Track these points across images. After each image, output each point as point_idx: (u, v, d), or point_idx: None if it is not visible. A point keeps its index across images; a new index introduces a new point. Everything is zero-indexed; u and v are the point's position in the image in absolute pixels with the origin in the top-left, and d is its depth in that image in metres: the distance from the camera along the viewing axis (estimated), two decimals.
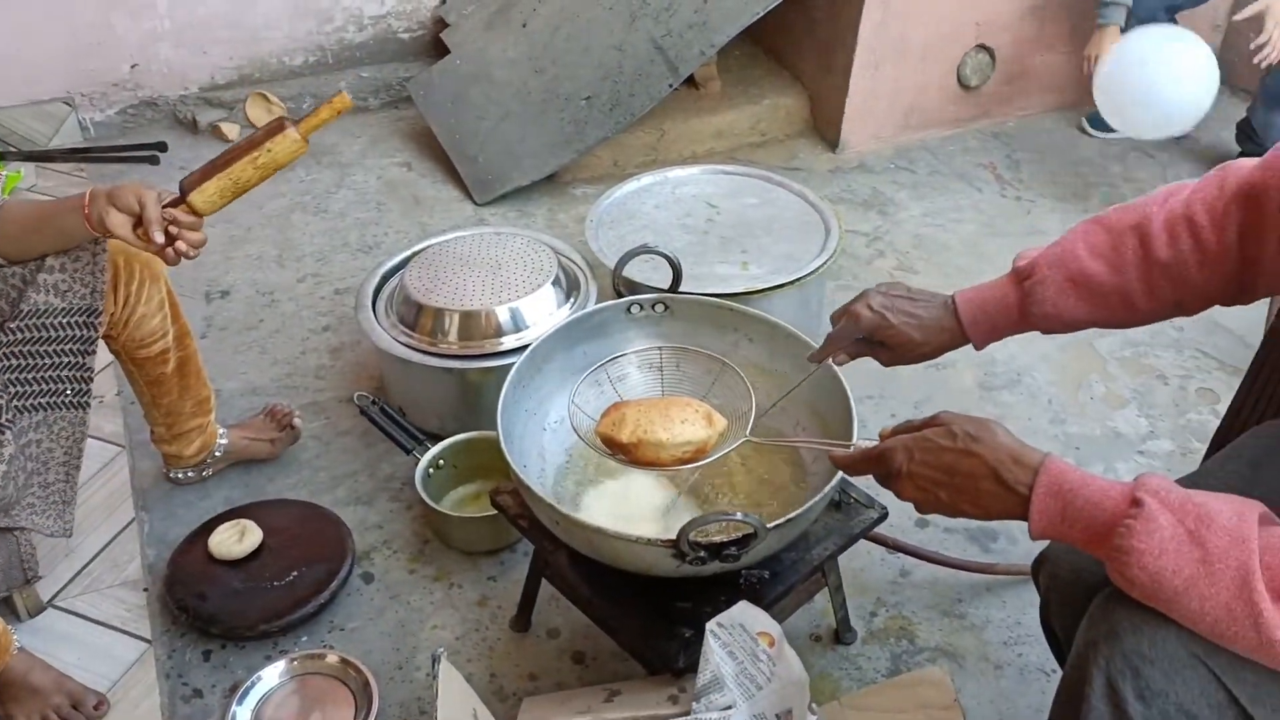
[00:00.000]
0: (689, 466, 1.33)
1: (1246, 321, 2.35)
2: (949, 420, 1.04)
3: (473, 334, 1.91)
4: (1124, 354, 2.33)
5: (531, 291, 1.94)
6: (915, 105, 3.08)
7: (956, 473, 1.01)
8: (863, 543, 1.79)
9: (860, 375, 2.19)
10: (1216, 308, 1.21)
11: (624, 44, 2.79)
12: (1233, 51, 3.36)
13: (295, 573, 1.73)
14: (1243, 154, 2.95)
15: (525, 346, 1.54)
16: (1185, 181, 1.21)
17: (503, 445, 1.36)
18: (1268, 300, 1.98)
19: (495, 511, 1.54)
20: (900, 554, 1.81)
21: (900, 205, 2.85)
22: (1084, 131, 3.17)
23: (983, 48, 3.07)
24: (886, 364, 1.37)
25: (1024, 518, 0.96)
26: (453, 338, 1.91)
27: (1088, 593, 1.02)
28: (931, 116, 3.13)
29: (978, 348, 1.33)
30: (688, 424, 1.31)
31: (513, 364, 1.48)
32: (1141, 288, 1.19)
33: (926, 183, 2.95)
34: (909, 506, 1.92)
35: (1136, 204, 1.21)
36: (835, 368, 1.44)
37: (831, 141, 3.08)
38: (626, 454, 1.31)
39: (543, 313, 1.94)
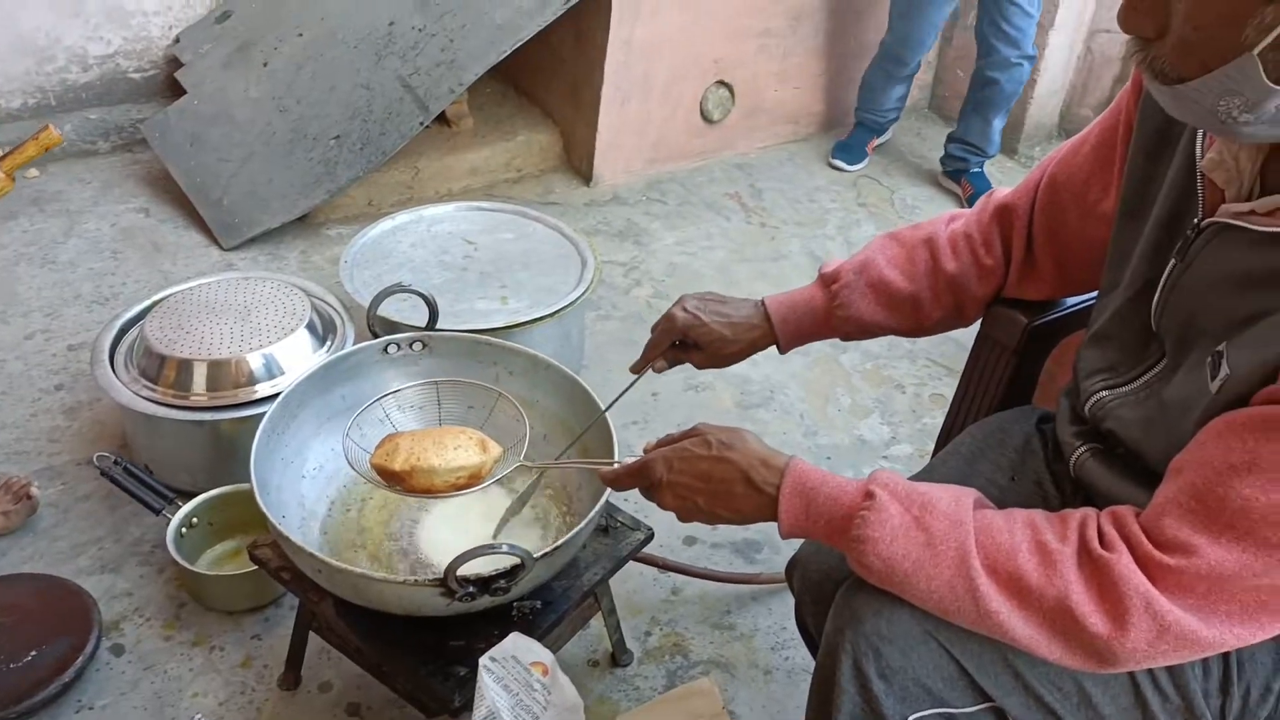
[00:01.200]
0: (465, 493, 1.32)
1: (970, 331, 2.56)
2: (704, 430, 1.10)
3: (223, 384, 1.83)
4: (865, 367, 2.50)
5: (284, 337, 1.88)
6: (663, 139, 3.20)
7: (711, 478, 1.06)
8: (634, 565, 1.83)
9: (620, 404, 2.25)
10: None
11: (371, 82, 2.76)
12: (942, 85, 3.68)
13: (33, 652, 1.59)
14: (953, 171, 3.25)
15: (280, 394, 1.49)
16: (963, 210, 1.36)
17: (257, 496, 1.31)
18: None
19: (255, 567, 1.48)
20: (670, 573, 1.87)
21: (654, 235, 2.94)
22: (833, 166, 3.37)
23: (722, 83, 3.23)
24: (699, 365, 1.41)
25: (775, 518, 1.02)
26: (201, 389, 1.82)
27: (836, 590, 1.09)
28: (679, 149, 3.26)
29: (783, 349, 1.39)
30: (461, 450, 1.31)
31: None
32: (930, 296, 1.31)
33: (677, 213, 3.07)
34: (678, 526, 1.99)
35: (924, 224, 1.35)
36: (597, 399, 1.48)
37: (585, 176, 3.15)
38: (401, 483, 1.29)
39: (298, 358, 1.89)
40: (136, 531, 1.88)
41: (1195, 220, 0.99)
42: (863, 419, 2.34)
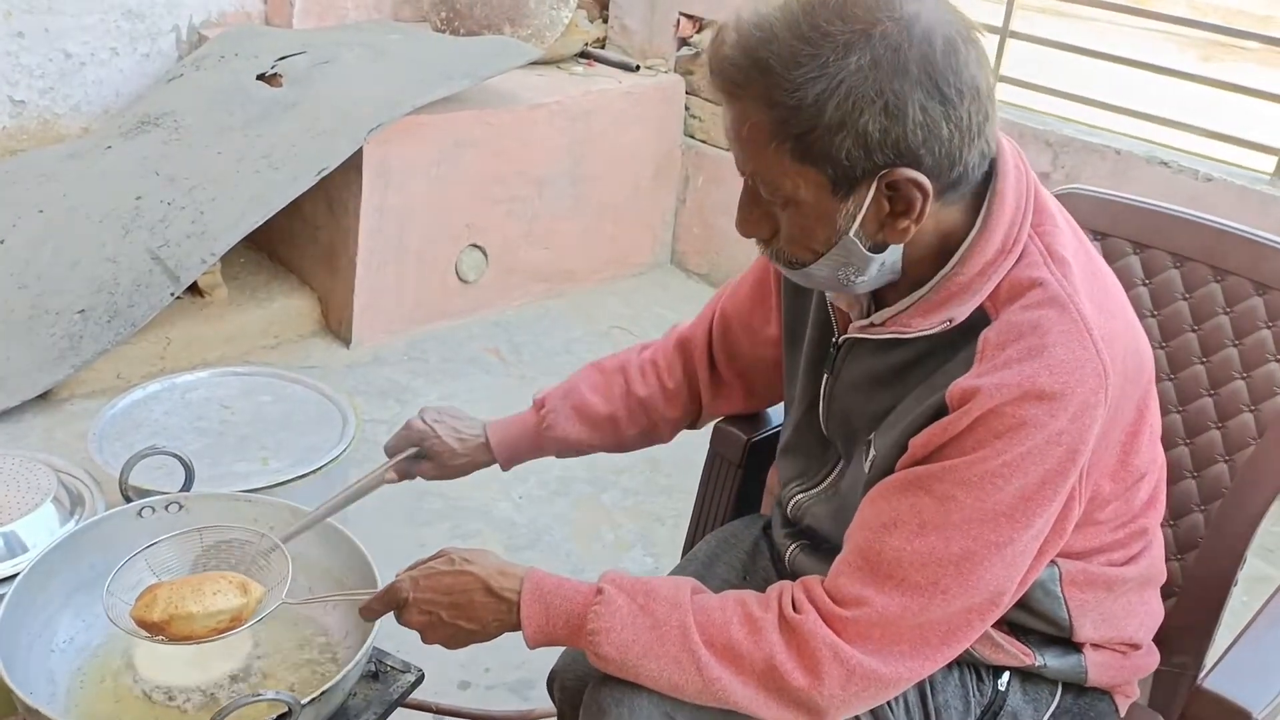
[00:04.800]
0: (228, 634, 1.32)
1: None
2: (449, 550, 1.20)
3: None
4: (626, 504, 2.63)
5: (28, 512, 1.81)
6: (421, 300, 3.31)
7: (453, 591, 1.15)
8: (411, 713, 1.84)
9: (390, 554, 2.27)
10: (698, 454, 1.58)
11: (118, 256, 2.75)
12: (680, 241, 4.00)
13: None
14: None
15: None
16: (654, 340, 1.55)
17: (3, 673, 1.27)
18: None
19: None
20: (445, 717, 1.88)
21: (416, 391, 3.02)
22: None
23: (476, 246, 3.39)
24: (429, 476, 1.53)
25: (518, 626, 1.11)
26: None
27: None
28: (437, 310, 3.37)
29: (504, 467, 1.53)
30: (220, 595, 1.32)
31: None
32: (626, 416, 1.47)
33: (439, 369, 3.16)
34: (450, 669, 2.01)
35: (621, 353, 1.53)
36: (362, 549, 1.52)
37: (345, 339, 3.20)
38: (162, 632, 1.29)
39: (43, 534, 1.81)
40: None
41: (834, 339, 1.21)
42: (626, 552, 2.45)
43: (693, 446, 2.81)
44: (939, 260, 1.08)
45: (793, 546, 1.30)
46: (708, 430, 1.60)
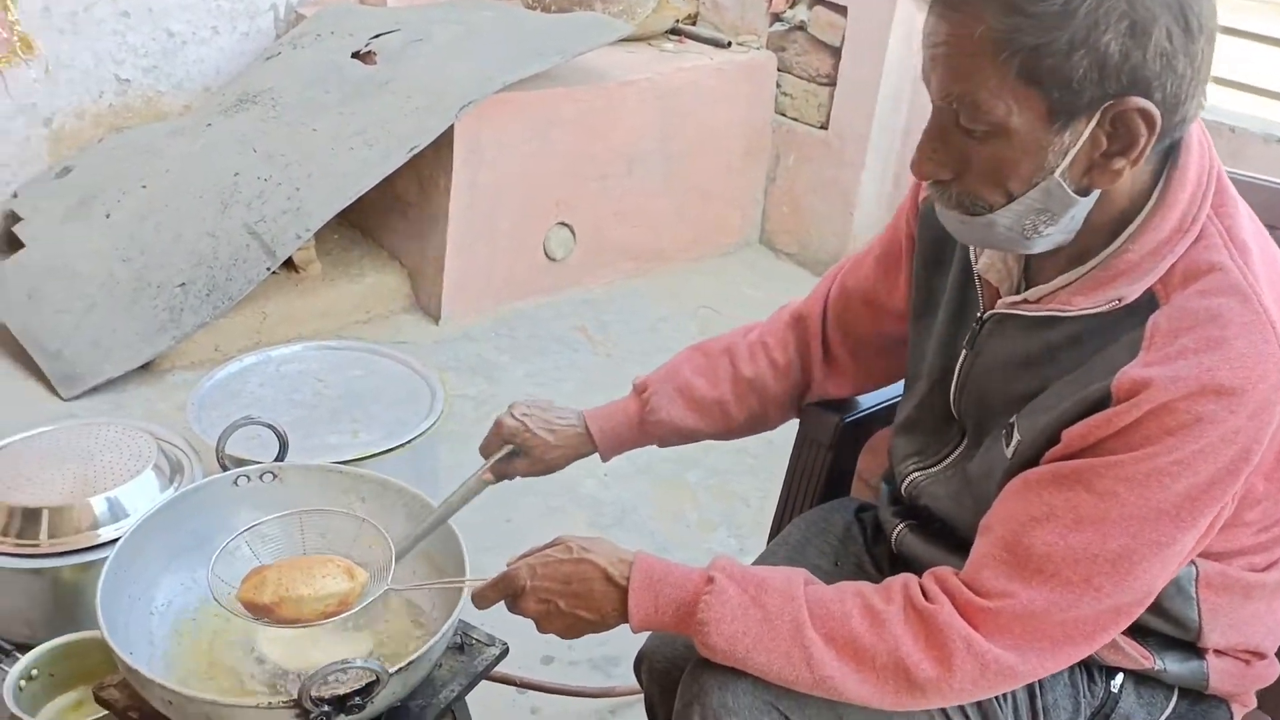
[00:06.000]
0: (334, 620, 1.34)
1: None
2: (566, 539, 1.17)
3: (64, 530, 1.80)
4: (711, 484, 2.61)
5: (129, 479, 1.87)
6: (509, 278, 3.33)
7: (572, 580, 1.12)
8: (495, 687, 1.86)
9: (472, 530, 2.29)
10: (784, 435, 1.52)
11: (217, 230, 2.81)
12: (770, 220, 3.95)
13: None
14: None
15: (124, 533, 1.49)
16: (760, 321, 1.50)
17: (104, 633, 1.30)
18: None
19: (101, 714, 1.45)
20: (529, 691, 1.89)
21: (503, 368, 3.03)
22: None
23: (564, 224, 3.39)
24: (526, 474, 1.48)
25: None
26: (41, 536, 1.79)
27: (682, 677, 1.16)
28: (525, 287, 3.38)
29: (604, 457, 1.48)
30: (329, 579, 1.33)
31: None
32: (733, 399, 1.42)
33: (527, 346, 3.17)
34: (534, 644, 2.02)
35: (725, 336, 1.48)
36: (451, 523, 1.52)
37: (434, 315, 3.23)
38: (269, 615, 1.30)
39: (144, 499, 1.87)
40: None
41: (978, 314, 1.15)
42: (710, 532, 2.44)
43: (780, 428, 2.79)
44: (1111, 232, 1.02)
45: (900, 526, 1.26)
46: None
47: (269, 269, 2.76)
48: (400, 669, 1.29)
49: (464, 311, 3.25)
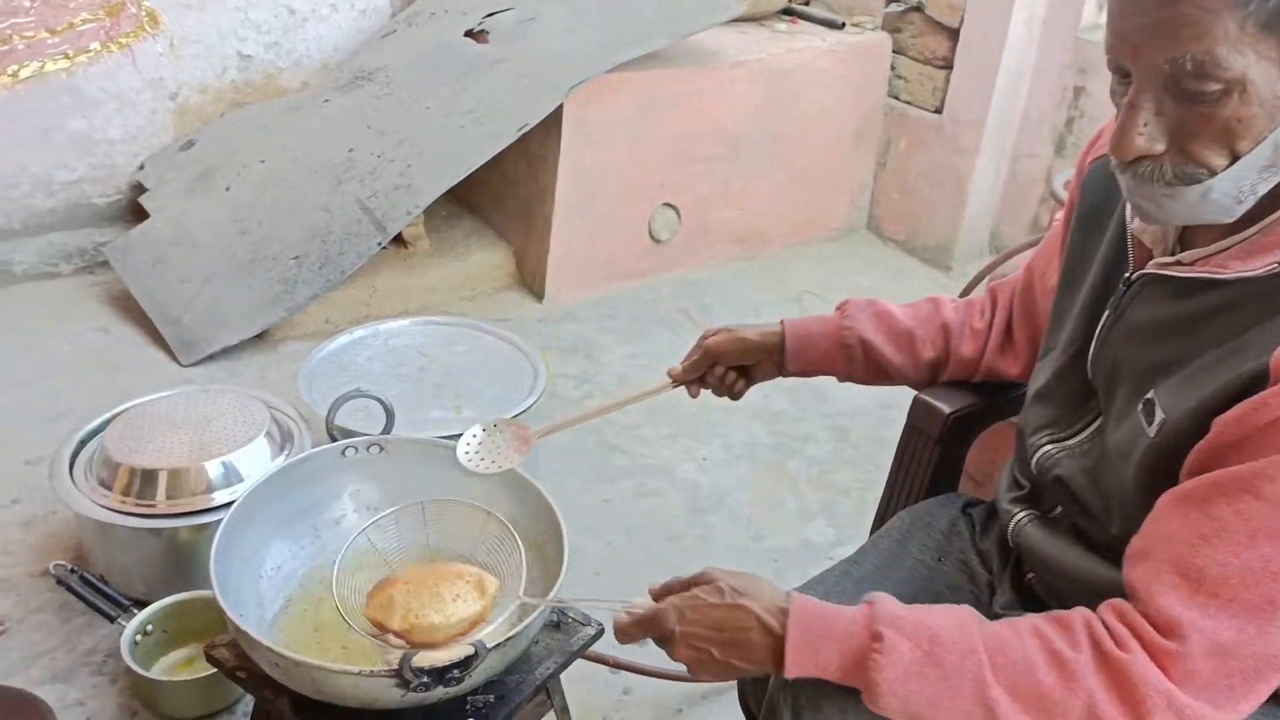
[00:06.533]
0: (469, 637, 1.32)
1: None
2: (716, 576, 1.07)
3: (181, 492, 1.86)
4: (810, 473, 2.58)
5: (243, 445, 1.93)
6: (613, 258, 3.33)
7: (726, 627, 1.03)
8: (586, 665, 1.87)
9: (572, 510, 2.30)
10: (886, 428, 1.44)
11: (330, 205, 2.87)
12: (879, 206, 3.88)
13: None
14: None
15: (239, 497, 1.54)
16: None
17: (217, 593, 1.35)
18: None
19: (210, 672, 1.50)
20: (622, 672, 1.90)
21: (605, 349, 3.04)
22: None
23: (669, 205, 3.38)
24: (715, 349, 1.47)
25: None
26: (160, 497, 1.86)
27: None
28: (628, 268, 3.38)
29: (789, 363, 1.46)
30: (460, 600, 1.33)
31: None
32: (926, 335, 1.42)
33: (628, 327, 3.18)
34: None
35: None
36: (550, 501, 1.53)
37: (538, 294, 3.26)
38: (404, 638, 1.31)
39: (257, 465, 1.93)
40: (89, 642, 1.88)
41: (1126, 275, 1.10)
42: (808, 522, 2.41)
43: (882, 420, 2.75)
44: (1276, 195, 0.95)
45: (1020, 515, 1.21)
46: (901, 402, 1.53)
47: (379, 244, 2.81)
48: (498, 645, 1.30)
49: (567, 290, 3.27)
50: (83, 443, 2.01)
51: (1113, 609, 0.95)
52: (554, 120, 2.97)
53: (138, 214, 3.19)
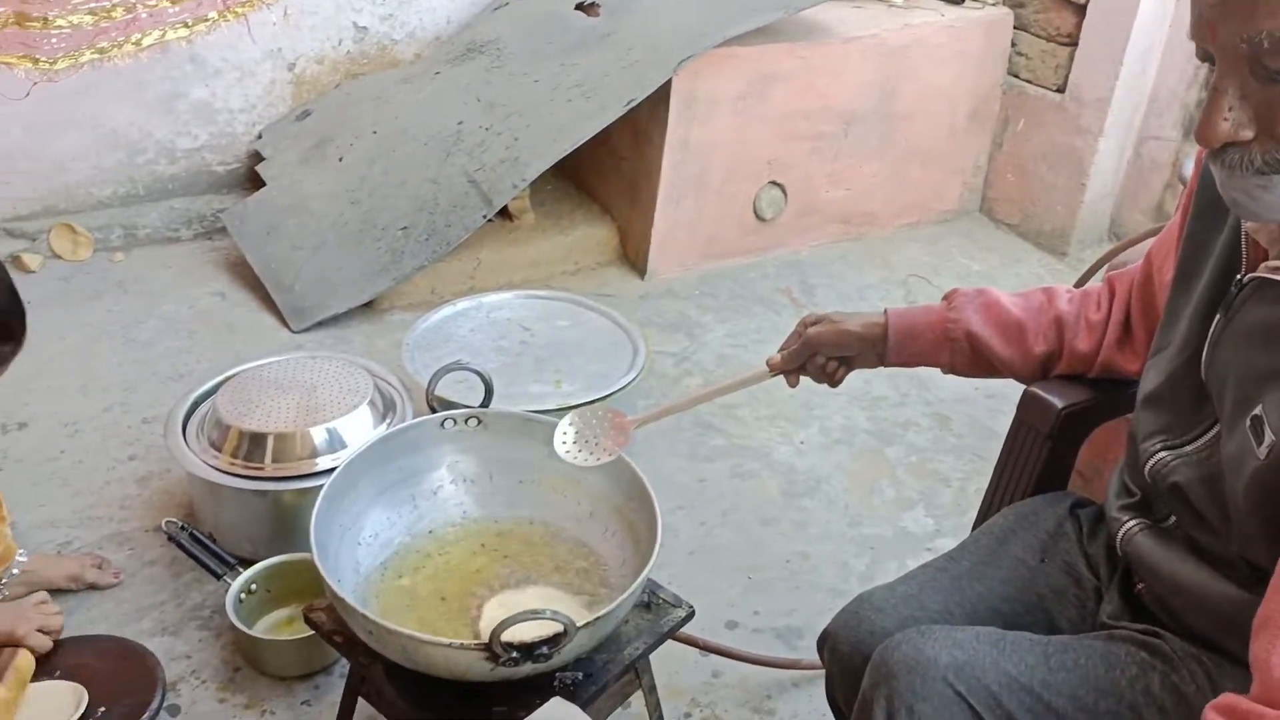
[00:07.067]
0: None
1: None
2: None
3: (287, 456, 1.91)
4: (910, 460, 2.53)
5: (347, 412, 1.97)
6: (716, 236, 3.30)
7: None
8: (677, 648, 1.86)
9: (668, 488, 2.30)
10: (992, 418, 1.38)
11: (439, 177, 2.90)
12: (992, 188, 3.76)
13: (101, 709, 1.65)
14: None
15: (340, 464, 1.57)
16: None
17: (315, 559, 1.38)
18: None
19: (309, 634, 1.53)
20: (712, 655, 1.89)
21: (705, 327, 3.02)
22: None
23: (775, 184, 3.33)
24: (817, 341, 1.41)
25: None
26: (266, 460, 1.91)
27: (865, 662, 1.12)
28: (732, 246, 3.35)
29: (892, 353, 1.39)
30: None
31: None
32: (1038, 328, 1.36)
33: (729, 306, 3.15)
34: (720, 607, 2.01)
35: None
36: (644, 479, 1.52)
37: (640, 270, 3.25)
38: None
39: (359, 433, 1.97)
40: (197, 597, 1.95)
41: (1239, 276, 1.04)
42: (906, 511, 2.36)
43: (987, 408, 2.68)
44: None
45: (1131, 524, 1.15)
46: (1007, 392, 1.47)
47: (485, 217, 2.83)
48: (587, 623, 1.30)
49: (669, 267, 3.26)
50: (196, 404, 2.08)
51: (1221, 712, 0.83)
52: (661, 95, 2.95)
53: (255, 182, 3.28)
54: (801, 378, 1.46)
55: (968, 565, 1.27)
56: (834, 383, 1.45)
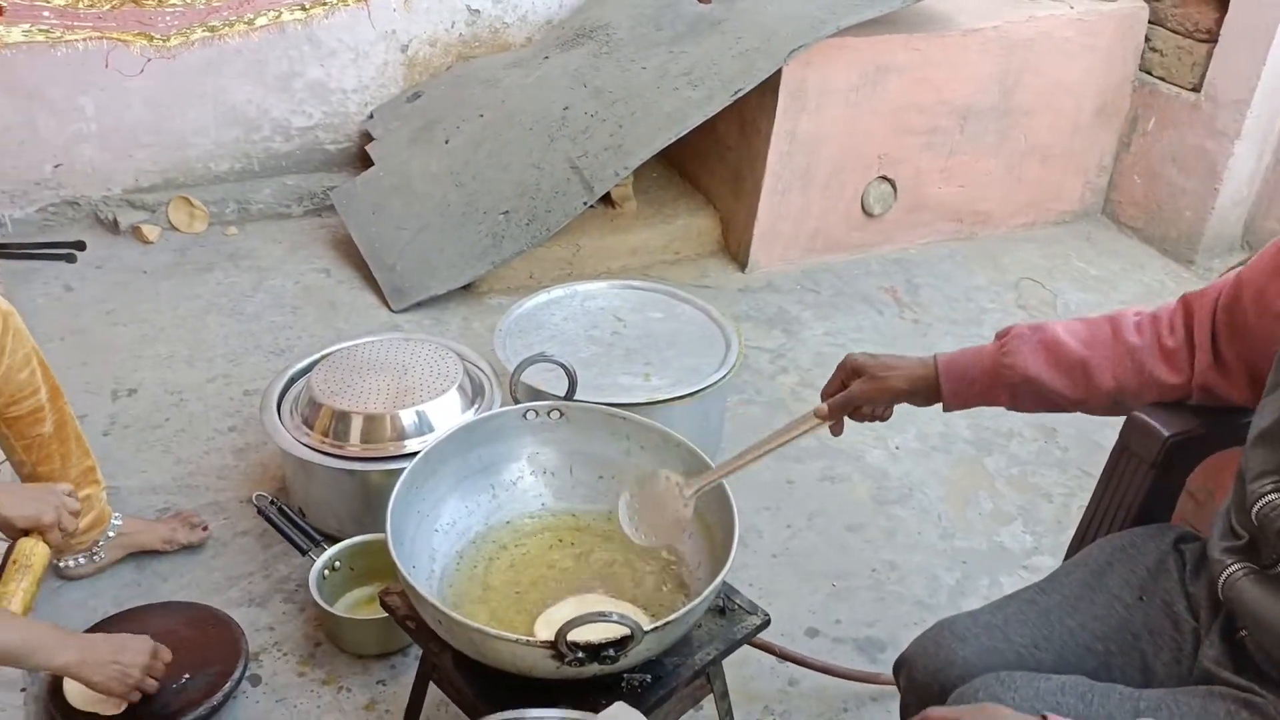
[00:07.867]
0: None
1: None
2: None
3: (376, 437, 1.93)
4: (1011, 472, 2.43)
5: (436, 396, 1.98)
6: (821, 230, 3.23)
7: None
8: (754, 652, 1.83)
9: (754, 487, 2.26)
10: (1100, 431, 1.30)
11: (542, 163, 2.90)
12: (1117, 190, 3.59)
13: (186, 675, 1.70)
14: None
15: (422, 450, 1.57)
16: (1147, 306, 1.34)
17: (390, 545, 1.38)
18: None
19: (386, 614, 1.54)
20: (788, 663, 1.85)
21: (804, 324, 2.96)
22: None
23: (885, 178, 3.24)
24: (860, 396, 1.38)
25: None
26: (355, 440, 1.93)
27: (942, 693, 1.07)
28: (836, 241, 3.27)
29: (947, 401, 1.35)
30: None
31: None
32: (1106, 364, 1.28)
33: (830, 303, 3.08)
34: (800, 615, 1.97)
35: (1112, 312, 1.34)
36: (725, 484, 1.49)
37: (741, 262, 3.20)
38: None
39: (447, 417, 1.98)
40: (284, 570, 1.99)
41: None
42: (1004, 525, 2.27)
43: (1097, 422, 2.55)
44: None
45: (1234, 567, 1.08)
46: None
47: (586, 203, 2.82)
48: (655, 628, 1.28)
49: (771, 260, 3.20)
50: (292, 380, 2.12)
51: None
52: (771, 85, 2.89)
53: (364, 161, 3.33)
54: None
55: (1059, 598, 1.20)
56: (884, 419, 1.41)
